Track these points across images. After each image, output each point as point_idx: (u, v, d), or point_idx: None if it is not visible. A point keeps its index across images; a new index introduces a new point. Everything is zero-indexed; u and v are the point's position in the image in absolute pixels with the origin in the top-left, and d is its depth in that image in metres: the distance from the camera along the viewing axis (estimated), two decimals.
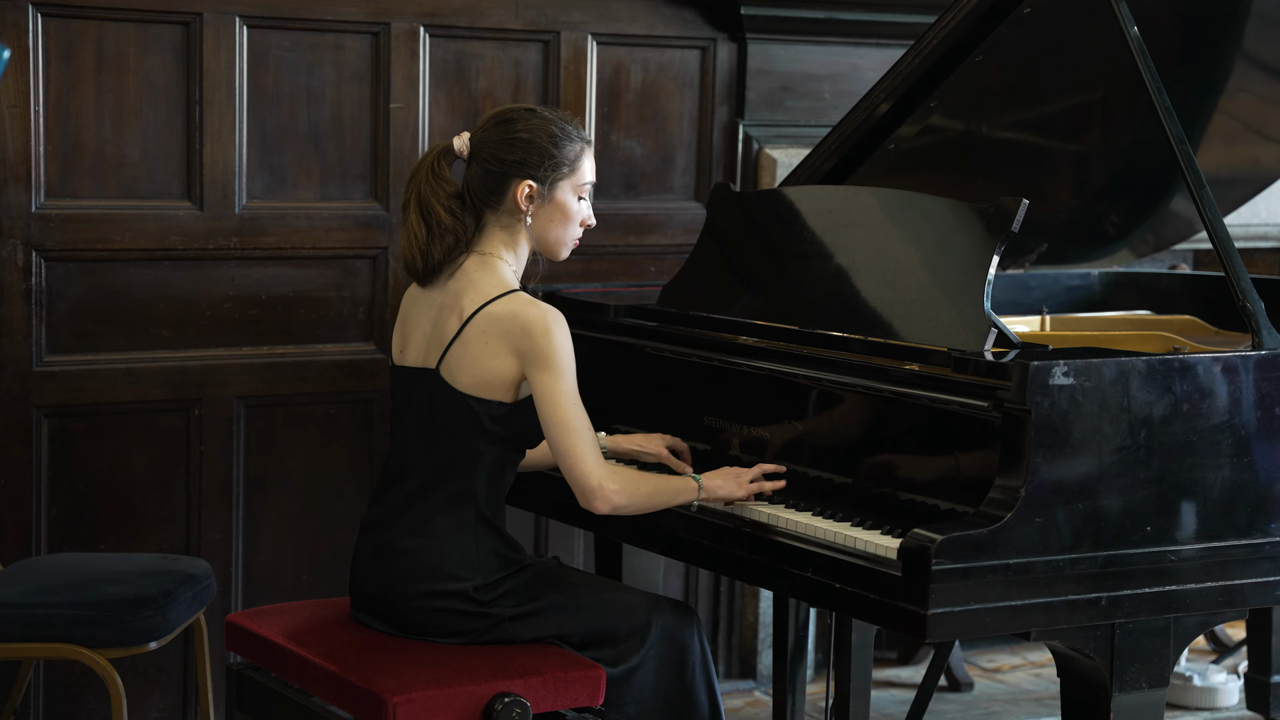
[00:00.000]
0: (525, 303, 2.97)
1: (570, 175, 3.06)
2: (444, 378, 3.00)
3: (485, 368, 2.97)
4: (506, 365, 2.96)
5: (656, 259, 4.53)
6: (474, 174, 3.06)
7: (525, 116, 3.06)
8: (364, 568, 3.08)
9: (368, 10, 4.12)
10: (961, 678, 4.75)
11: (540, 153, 3.03)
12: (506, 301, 2.98)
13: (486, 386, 2.98)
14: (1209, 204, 3.08)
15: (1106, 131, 3.87)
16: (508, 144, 3.03)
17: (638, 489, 2.99)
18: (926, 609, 2.64)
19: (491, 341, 2.96)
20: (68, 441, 3.94)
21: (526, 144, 3.03)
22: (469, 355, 2.98)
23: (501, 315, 2.97)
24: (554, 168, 3.04)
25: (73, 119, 3.88)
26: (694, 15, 4.49)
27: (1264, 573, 2.93)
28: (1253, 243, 5.53)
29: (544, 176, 3.03)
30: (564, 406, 2.93)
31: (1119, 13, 3.16)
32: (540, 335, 2.93)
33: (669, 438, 3.31)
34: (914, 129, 3.63)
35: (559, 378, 2.93)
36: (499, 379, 2.97)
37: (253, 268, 4.08)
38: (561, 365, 2.94)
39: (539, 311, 2.95)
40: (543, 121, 3.05)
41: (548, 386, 2.93)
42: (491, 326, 2.97)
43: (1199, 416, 2.86)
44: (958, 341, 2.95)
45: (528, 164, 3.02)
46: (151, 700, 4.07)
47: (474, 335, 2.98)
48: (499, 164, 3.03)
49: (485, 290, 3.00)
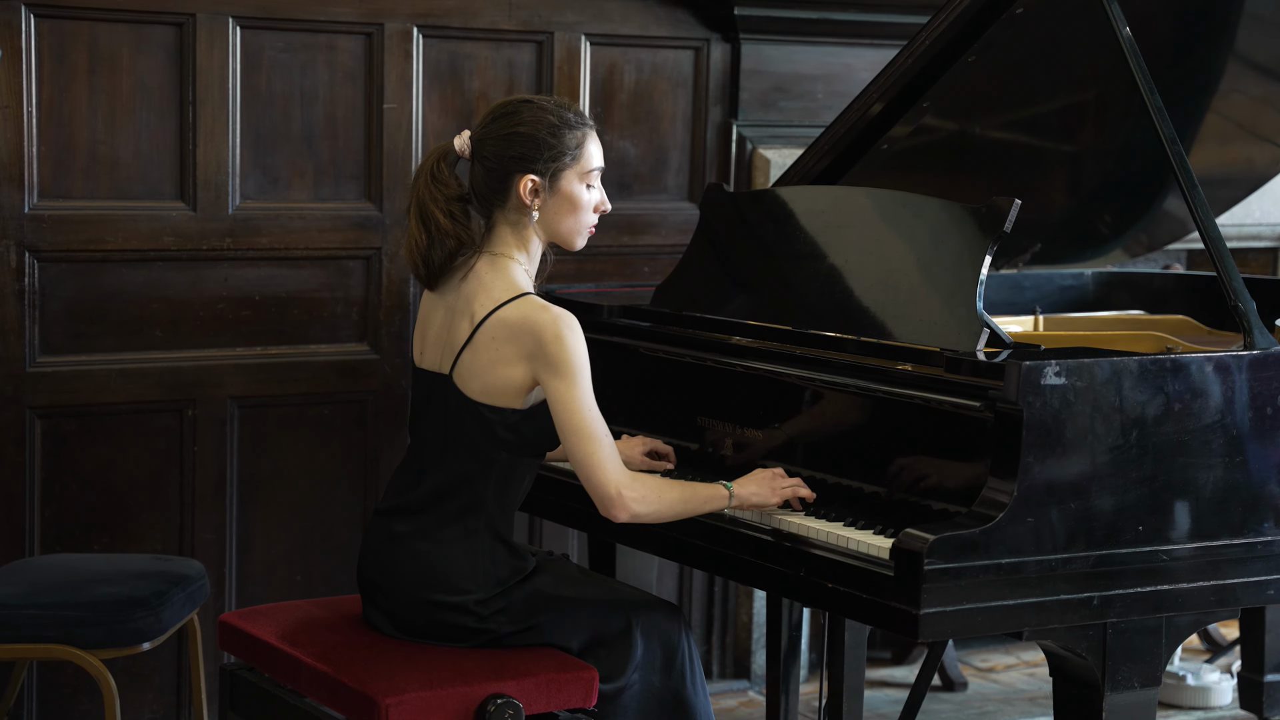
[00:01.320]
0: (537, 307, 2.92)
1: (574, 163, 3.00)
2: (457, 385, 2.96)
3: (496, 375, 2.93)
4: (518, 372, 2.92)
5: (650, 259, 4.53)
6: (478, 173, 3.01)
7: (523, 109, 3.00)
8: (372, 554, 3.05)
9: (361, 11, 4.12)
10: (955, 677, 4.76)
11: (539, 145, 2.97)
12: (517, 306, 2.93)
13: (498, 393, 2.94)
14: (1200, 204, 3.08)
15: (1099, 132, 3.88)
16: (506, 139, 2.98)
17: (661, 497, 2.92)
18: (919, 609, 2.64)
19: (503, 348, 2.92)
20: (61, 442, 3.94)
21: (525, 138, 2.97)
22: (480, 361, 2.94)
23: (513, 320, 2.92)
24: (555, 158, 2.98)
25: (66, 120, 3.88)
26: (687, 16, 4.49)
27: (1256, 572, 2.94)
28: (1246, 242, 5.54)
29: (545, 169, 2.98)
30: (580, 413, 2.88)
31: (1111, 13, 3.16)
32: (552, 341, 2.88)
33: (650, 441, 3.29)
34: (907, 129, 3.63)
35: (573, 383, 2.88)
36: (510, 385, 2.93)
37: (246, 268, 4.08)
38: (576, 370, 2.88)
39: (551, 316, 2.90)
40: (540, 112, 2.99)
41: (562, 393, 2.88)
42: (502, 332, 2.92)
43: (1191, 416, 2.86)
44: (950, 341, 2.95)
45: (527, 158, 2.97)
46: (145, 701, 4.07)
47: (485, 341, 2.94)
48: (499, 161, 2.98)
49: (496, 294, 2.96)
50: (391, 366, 4.24)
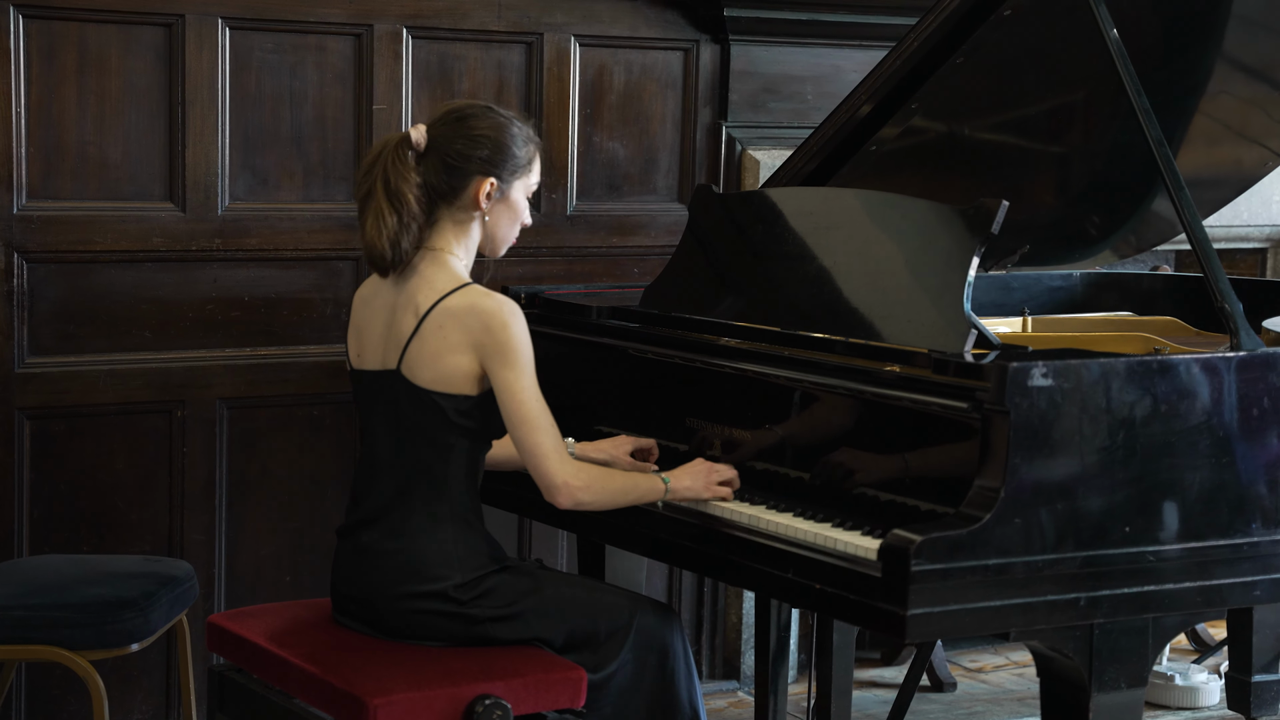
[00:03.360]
0: (481, 294, 2.97)
1: (524, 176, 3.08)
2: (406, 376, 2.99)
3: (445, 363, 2.96)
4: (466, 360, 2.96)
5: (639, 260, 4.54)
6: (431, 167, 3.03)
7: (486, 114, 3.06)
8: (344, 572, 3.08)
9: (350, 12, 4.12)
10: (944, 678, 4.76)
11: (504, 151, 3.03)
12: (462, 295, 2.97)
13: (448, 381, 2.97)
14: (1188, 205, 3.09)
15: (1088, 133, 3.88)
16: (472, 140, 3.02)
17: (603, 486, 2.99)
18: (906, 610, 2.65)
19: (450, 335, 2.96)
20: (50, 443, 3.93)
21: (492, 141, 3.03)
22: (428, 350, 2.97)
23: (458, 309, 2.96)
24: (514, 168, 3.05)
25: (54, 120, 3.88)
26: (677, 17, 4.50)
27: (1244, 572, 2.94)
28: (1234, 244, 5.55)
29: (505, 174, 3.04)
30: (526, 402, 2.93)
31: (1099, 15, 3.17)
32: (499, 329, 2.93)
33: (635, 440, 3.31)
34: (895, 130, 3.63)
35: (519, 373, 2.93)
36: (460, 373, 2.97)
37: (235, 269, 4.08)
38: (521, 359, 2.94)
39: (495, 304, 2.95)
40: (505, 120, 3.06)
41: (508, 382, 2.93)
42: (449, 320, 2.96)
43: (1178, 417, 2.87)
44: (938, 343, 2.96)
45: (492, 161, 3.03)
46: (133, 702, 4.06)
47: (431, 330, 2.97)
48: (462, 159, 3.02)
49: (439, 285, 2.99)
50: None
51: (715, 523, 3.04)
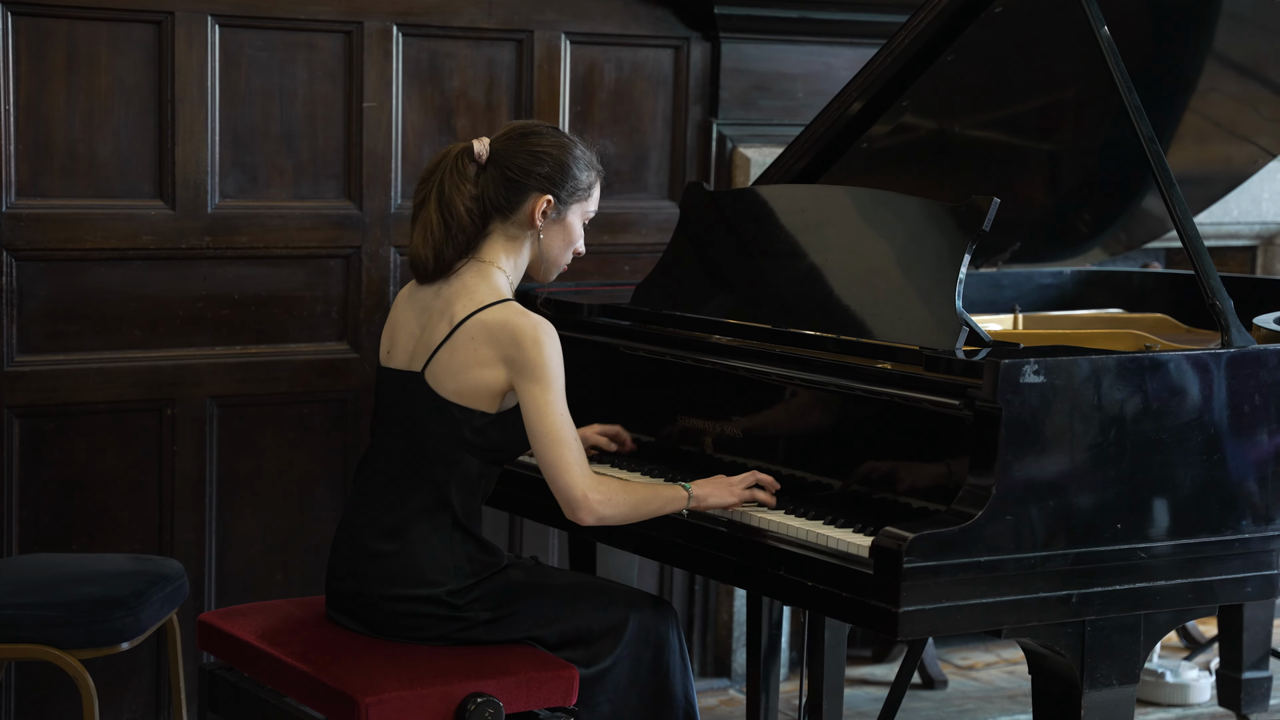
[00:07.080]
0: (517, 312, 2.96)
1: (583, 201, 3.09)
2: (428, 383, 2.98)
3: (472, 375, 2.95)
4: (494, 374, 2.95)
5: (630, 258, 4.53)
6: (490, 180, 3.03)
7: (551, 133, 3.07)
8: (339, 565, 3.07)
9: (340, 9, 4.12)
10: (935, 675, 4.76)
11: (565, 171, 3.04)
12: (499, 310, 2.96)
13: (471, 395, 2.96)
14: (1178, 202, 3.09)
15: (1078, 130, 3.89)
16: (535, 156, 3.02)
17: (625, 499, 2.96)
18: (898, 607, 2.65)
19: (481, 349, 2.95)
20: (39, 442, 3.93)
21: (554, 160, 3.03)
22: (457, 361, 2.96)
23: (493, 323, 2.95)
24: (573, 189, 3.05)
25: (44, 118, 3.87)
26: (667, 14, 4.49)
27: (1235, 569, 2.95)
28: (1225, 241, 5.56)
29: (564, 195, 3.04)
30: (551, 417, 2.92)
31: (1089, 12, 3.17)
32: (530, 345, 2.92)
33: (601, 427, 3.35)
34: (886, 128, 3.64)
35: (547, 389, 2.92)
36: (484, 388, 2.96)
37: (225, 267, 4.07)
38: (551, 376, 2.93)
39: (530, 322, 2.94)
40: (569, 142, 3.07)
41: (535, 397, 2.92)
42: (481, 333, 2.95)
43: (1169, 414, 2.87)
44: (930, 340, 2.96)
45: (552, 179, 3.03)
46: (124, 701, 4.06)
47: (463, 341, 2.96)
48: (523, 174, 3.02)
49: (479, 297, 2.99)
50: (371, 365, 4.23)
51: (707, 520, 3.03)
